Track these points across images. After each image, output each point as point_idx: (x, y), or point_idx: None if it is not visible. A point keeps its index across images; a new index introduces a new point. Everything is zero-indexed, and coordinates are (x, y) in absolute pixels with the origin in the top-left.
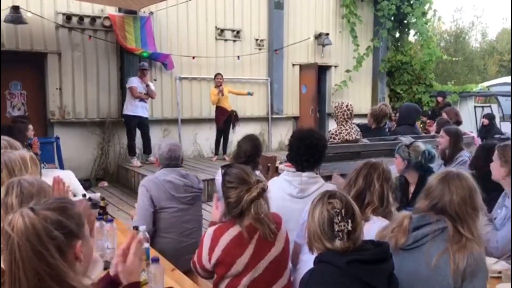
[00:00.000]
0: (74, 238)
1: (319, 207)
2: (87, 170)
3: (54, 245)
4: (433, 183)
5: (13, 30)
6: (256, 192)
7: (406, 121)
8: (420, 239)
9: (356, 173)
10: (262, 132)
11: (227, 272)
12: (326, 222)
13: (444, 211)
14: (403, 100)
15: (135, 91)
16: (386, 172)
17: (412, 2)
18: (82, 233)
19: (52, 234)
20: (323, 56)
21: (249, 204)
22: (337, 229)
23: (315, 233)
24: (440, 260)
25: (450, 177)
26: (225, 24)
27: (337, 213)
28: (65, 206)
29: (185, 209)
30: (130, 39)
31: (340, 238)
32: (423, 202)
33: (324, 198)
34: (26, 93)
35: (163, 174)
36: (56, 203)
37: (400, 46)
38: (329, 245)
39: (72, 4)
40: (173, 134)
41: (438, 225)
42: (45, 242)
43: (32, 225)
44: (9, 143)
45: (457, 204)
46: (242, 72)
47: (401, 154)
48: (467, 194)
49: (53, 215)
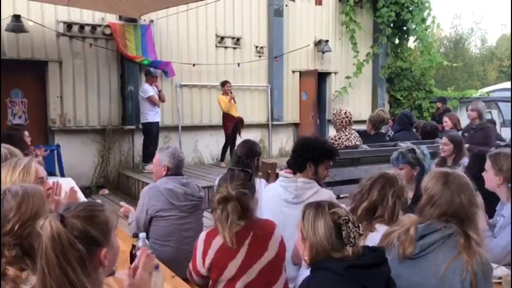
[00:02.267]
0: (99, 247)
1: (321, 220)
2: (88, 177)
3: (76, 256)
4: (435, 188)
5: (14, 39)
6: (223, 195)
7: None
8: (426, 247)
9: (370, 183)
10: (262, 138)
11: (220, 275)
12: (334, 233)
13: (455, 216)
14: (403, 106)
15: (156, 99)
16: (401, 189)
17: (412, 8)
18: (107, 240)
19: (75, 246)
20: (323, 63)
21: (217, 206)
22: (352, 235)
23: (320, 246)
24: (447, 270)
25: (451, 179)
26: (225, 31)
27: (346, 220)
28: (93, 214)
29: (185, 217)
30: (131, 47)
31: (351, 245)
32: (431, 211)
33: (323, 209)
34: (27, 101)
35: (164, 182)
36: (85, 211)
37: (399, 52)
38: (338, 255)
39: (73, 13)
40: (174, 141)
41: (445, 232)
42: (68, 254)
43: (58, 235)
44: (9, 150)
45: (466, 206)
46: (242, 79)
47: (410, 160)
48: (470, 194)
49: (81, 224)
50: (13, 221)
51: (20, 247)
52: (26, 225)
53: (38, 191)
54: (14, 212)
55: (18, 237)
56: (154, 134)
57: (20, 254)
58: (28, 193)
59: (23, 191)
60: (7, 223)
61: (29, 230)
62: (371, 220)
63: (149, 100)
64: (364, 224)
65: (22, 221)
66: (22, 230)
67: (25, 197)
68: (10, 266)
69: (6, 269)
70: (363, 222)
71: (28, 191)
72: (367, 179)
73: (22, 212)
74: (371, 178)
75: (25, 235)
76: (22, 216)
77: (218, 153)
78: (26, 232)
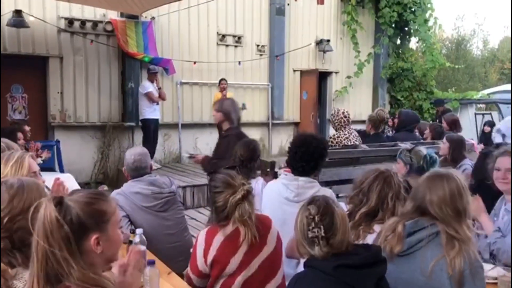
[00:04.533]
0: (89, 232)
1: (300, 214)
2: (87, 174)
3: (63, 235)
4: (418, 183)
5: (15, 34)
6: (240, 195)
7: (405, 127)
8: (414, 244)
9: (368, 186)
10: (262, 137)
11: (222, 272)
12: (304, 229)
13: (427, 212)
14: (403, 106)
15: (155, 96)
16: (398, 187)
17: (414, 9)
18: (101, 228)
19: (62, 227)
20: (324, 62)
21: (234, 206)
22: (311, 235)
23: (298, 239)
24: (435, 267)
25: (432, 178)
26: (227, 29)
27: (311, 219)
28: (91, 201)
29: (161, 216)
30: (132, 43)
31: (317, 244)
32: (407, 204)
33: (305, 204)
34: (27, 96)
35: (130, 186)
36: (86, 197)
37: (401, 53)
38: (311, 252)
39: (74, 9)
40: (174, 138)
41: (432, 229)
42: (53, 232)
43: (49, 214)
44: (7, 145)
45: (436, 206)
46: (243, 77)
47: (403, 158)
48: (447, 195)
49: (74, 209)
50: (3, 213)
51: (10, 241)
52: (16, 219)
53: (35, 185)
54: (5, 205)
55: (8, 230)
56: (152, 131)
57: (9, 247)
58: (24, 186)
59: (18, 184)
60: None
61: (20, 224)
62: (370, 222)
63: (146, 96)
64: (362, 227)
65: (12, 214)
66: (12, 224)
67: (19, 190)
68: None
69: None
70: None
71: (24, 184)
72: (362, 178)
73: (14, 206)
74: (367, 178)
75: (15, 229)
76: (13, 210)
77: None
78: (16, 226)
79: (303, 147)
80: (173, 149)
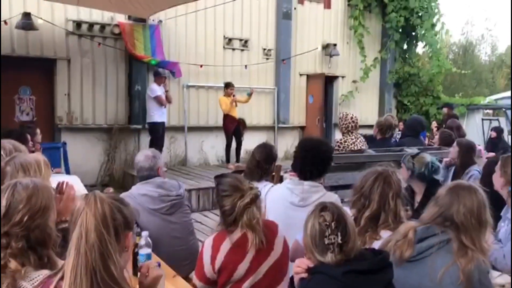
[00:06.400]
0: (127, 228)
1: (311, 220)
2: (93, 176)
3: (114, 226)
4: (442, 192)
5: (24, 36)
6: (249, 198)
7: (410, 132)
8: (424, 251)
9: (369, 188)
10: (268, 141)
11: (229, 278)
12: (317, 235)
13: (450, 220)
14: (410, 111)
15: (163, 99)
16: (398, 186)
17: (421, 14)
18: (133, 226)
19: (115, 215)
20: (330, 67)
21: (243, 210)
22: (327, 242)
23: (307, 245)
24: (445, 274)
25: (460, 188)
26: (233, 33)
27: (327, 226)
28: (123, 202)
29: (167, 220)
30: (139, 46)
31: (331, 251)
32: (431, 210)
33: (316, 210)
34: (34, 98)
35: (137, 188)
36: (117, 200)
37: (407, 57)
38: (321, 258)
39: (82, 12)
40: (180, 141)
41: (443, 236)
42: (107, 221)
43: (101, 204)
44: (14, 146)
45: (463, 215)
46: (249, 81)
47: (405, 163)
48: (474, 207)
49: (116, 204)
50: (22, 212)
51: (27, 240)
52: (35, 217)
53: (46, 186)
54: (24, 204)
55: (26, 228)
56: (160, 134)
57: (25, 247)
58: (38, 186)
59: (33, 184)
60: (17, 213)
61: (38, 222)
62: (376, 228)
63: (156, 100)
64: (369, 233)
65: (32, 212)
66: (31, 222)
67: (35, 190)
68: (14, 258)
69: (8, 261)
70: (368, 231)
71: (37, 184)
72: (362, 182)
73: (32, 204)
74: (367, 180)
75: (33, 227)
76: (32, 208)
77: (223, 154)
78: (34, 224)
79: (312, 151)
80: (179, 152)
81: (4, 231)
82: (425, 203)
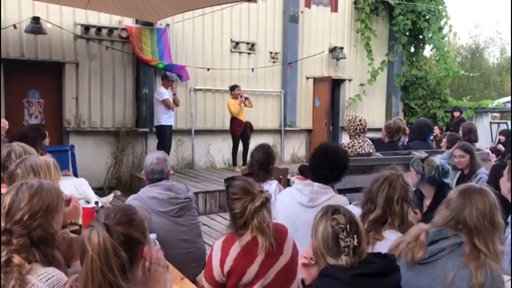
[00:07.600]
0: (141, 245)
1: (322, 223)
2: (101, 179)
3: (118, 263)
4: (453, 196)
5: (33, 40)
6: (259, 202)
7: (417, 136)
8: (436, 253)
9: (375, 192)
10: (274, 144)
11: (238, 282)
12: (330, 238)
13: (463, 224)
14: (417, 115)
15: (171, 103)
16: (404, 189)
17: (429, 17)
18: (146, 237)
19: (119, 253)
20: (337, 70)
21: (253, 214)
22: (343, 245)
23: (318, 249)
24: (456, 277)
25: (472, 191)
26: (240, 36)
27: (342, 228)
28: (131, 218)
29: (176, 222)
30: (147, 50)
31: (346, 254)
32: (442, 213)
33: (328, 213)
34: (43, 101)
35: (146, 191)
36: (125, 217)
37: (415, 60)
38: (333, 261)
39: (90, 16)
40: (187, 144)
41: (455, 239)
42: (110, 261)
43: (104, 243)
44: (24, 149)
45: (476, 218)
46: (256, 84)
47: (415, 167)
48: (487, 209)
49: (124, 229)
50: (23, 211)
51: (29, 237)
52: (36, 217)
53: (54, 188)
54: (25, 203)
55: (27, 227)
56: (168, 137)
57: (27, 244)
58: (43, 187)
59: (38, 185)
60: (18, 212)
61: (39, 222)
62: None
63: (163, 103)
64: (372, 233)
65: (32, 212)
66: (31, 221)
67: (38, 190)
68: (16, 254)
69: (11, 256)
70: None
71: (43, 185)
72: (370, 186)
73: (33, 204)
74: (375, 183)
75: (34, 227)
76: (33, 208)
77: (230, 157)
78: (35, 224)
79: (330, 155)
80: (186, 155)
81: (5, 228)
82: (435, 206)
